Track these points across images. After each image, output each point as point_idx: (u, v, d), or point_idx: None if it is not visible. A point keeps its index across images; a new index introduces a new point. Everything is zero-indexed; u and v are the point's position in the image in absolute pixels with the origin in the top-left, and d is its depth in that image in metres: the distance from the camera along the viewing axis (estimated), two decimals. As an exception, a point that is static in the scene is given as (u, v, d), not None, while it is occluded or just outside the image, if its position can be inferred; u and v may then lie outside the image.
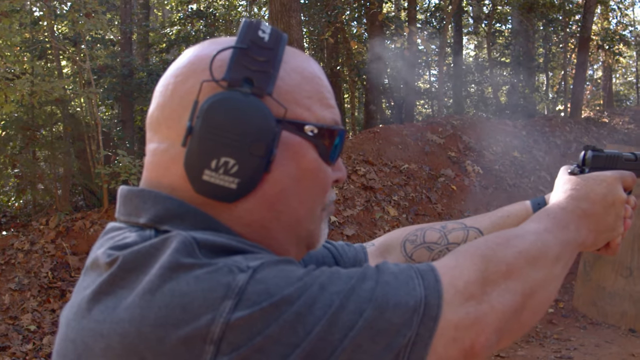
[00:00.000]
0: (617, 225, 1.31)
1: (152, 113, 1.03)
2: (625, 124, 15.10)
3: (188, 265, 0.84)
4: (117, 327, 0.83)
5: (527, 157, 12.39)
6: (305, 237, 1.08)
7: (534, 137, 13.13)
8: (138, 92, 11.77)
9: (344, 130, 1.09)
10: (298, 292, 0.83)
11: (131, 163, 8.67)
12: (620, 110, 17.50)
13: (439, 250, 1.51)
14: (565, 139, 13.39)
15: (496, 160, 11.99)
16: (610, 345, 7.88)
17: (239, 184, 0.95)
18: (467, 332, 0.91)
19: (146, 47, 13.95)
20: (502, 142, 12.57)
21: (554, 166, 12.45)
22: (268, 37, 0.99)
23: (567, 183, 1.33)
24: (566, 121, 14.50)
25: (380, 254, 1.54)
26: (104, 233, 1.03)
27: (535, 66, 19.38)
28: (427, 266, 0.95)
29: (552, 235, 1.13)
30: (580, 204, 1.26)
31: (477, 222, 1.55)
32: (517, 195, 11.36)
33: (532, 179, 11.90)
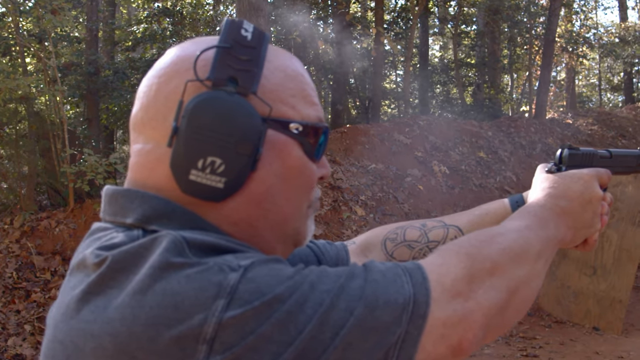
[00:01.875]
0: (595, 222, 1.33)
1: (136, 114, 1.02)
2: (589, 125, 15.32)
3: (178, 264, 0.83)
4: (108, 327, 0.82)
5: (493, 157, 12.51)
6: (292, 235, 1.08)
7: (500, 138, 13.26)
8: (104, 90, 11.66)
9: (328, 128, 1.09)
10: (289, 290, 0.83)
11: (97, 162, 8.57)
12: (583, 112, 17.77)
13: (420, 249, 1.52)
14: (531, 139, 13.54)
15: (462, 160, 12.09)
16: (574, 344, 7.99)
17: (225, 183, 0.94)
18: (454, 329, 0.92)
19: (112, 45, 13.84)
20: (468, 142, 12.68)
21: (519, 166, 12.59)
22: (251, 36, 0.98)
23: (545, 181, 1.35)
24: (531, 122, 14.67)
25: (361, 252, 1.54)
26: (90, 233, 1.02)
27: (500, 67, 19.55)
28: (414, 264, 0.95)
29: (533, 233, 1.14)
30: (558, 201, 1.28)
31: (456, 220, 1.56)
32: (484, 195, 11.46)
33: (497, 179, 12.01)
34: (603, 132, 14.90)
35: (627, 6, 26.94)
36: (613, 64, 24.17)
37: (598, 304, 8.64)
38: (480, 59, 20.10)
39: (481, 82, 19.52)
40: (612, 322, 8.50)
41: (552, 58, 16.68)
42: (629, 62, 22.86)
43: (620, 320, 8.49)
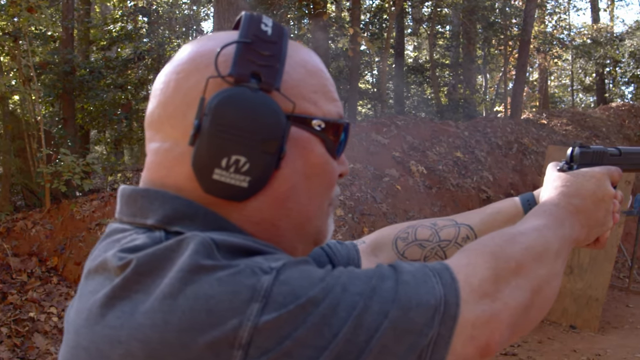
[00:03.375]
0: (607, 220, 1.34)
1: (153, 111, 1.00)
2: (564, 126, 15.45)
3: (209, 267, 0.81)
4: (137, 332, 0.80)
5: (470, 157, 12.57)
6: (314, 234, 1.07)
7: (476, 138, 13.33)
8: (79, 89, 11.55)
9: (349, 124, 1.08)
10: (322, 293, 0.82)
11: (74, 162, 8.48)
12: (558, 112, 17.91)
13: (431, 248, 1.51)
14: (507, 139, 13.63)
15: (439, 160, 12.14)
16: (552, 342, 8.06)
17: (250, 182, 0.92)
18: (483, 329, 0.91)
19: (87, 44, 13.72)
20: (445, 142, 12.73)
21: (495, 166, 12.67)
22: (271, 31, 0.97)
23: (557, 180, 1.35)
24: (507, 122, 14.76)
25: (372, 251, 1.53)
26: (107, 234, 1.00)
27: (475, 68, 19.66)
28: (441, 265, 0.95)
29: (552, 232, 1.14)
30: (571, 200, 1.28)
31: (467, 219, 1.56)
32: (461, 195, 11.52)
33: (474, 178, 12.06)
34: (577, 133, 15.03)
35: (599, 8, 27.26)
36: (585, 65, 24.39)
37: (575, 303, 8.72)
38: (455, 60, 20.20)
39: (456, 82, 19.61)
40: (589, 320, 8.59)
41: (527, 59, 16.80)
42: (600, 63, 23.10)
43: (597, 319, 8.58)
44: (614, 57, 22.70)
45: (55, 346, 6.63)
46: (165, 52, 12.89)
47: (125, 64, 12.54)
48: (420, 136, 12.62)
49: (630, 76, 22.74)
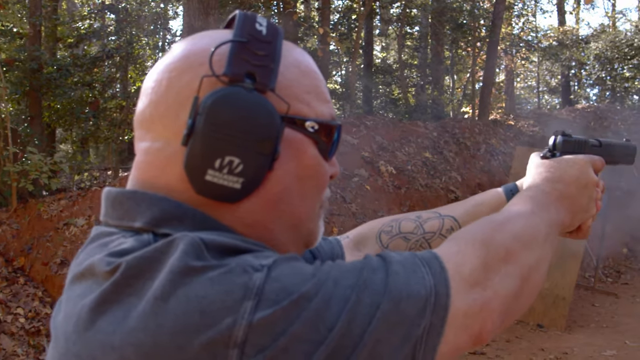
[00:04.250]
0: (590, 206, 1.35)
1: (144, 110, 0.98)
2: (530, 127, 15.61)
3: (199, 268, 0.80)
4: (130, 337, 0.78)
5: (439, 157, 12.64)
6: (305, 236, 1.06)
7: (445, 139, 13.41)
8: (47, 87, 11.40)
9: (341, 125, 1.07)
10: (314, 288, 0.81)
11: (42, 161, 8.38)
12: (525, 113, 18.09)
13: (416, 240, 1.52)
14: (475, 140, 13.73)
15: (408, 160, 12.19)
16: (520, 341, 8.15)
17: (243, 184, 0.92)
18: (475, 318, 0.92)
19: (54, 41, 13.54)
20: (414, 143, 12.79)
21: (464, 167, 12.75)
22: (266, 30, 0.96)
23: (541, 166, 1.36)
24: (475, 123, 14.87)
25: (355, 246, 1.53)
26: (92, 238, 0.98)
27: (443, 69, 19.78)
28: (430, 254, 0.94)
29: (538, 218, 1.14)
30: (556, 185, 1.29)
31: (451, 210, 1.56)
32: (429, 195, 11.58)
33: (443, 179, 12.14)
34: (544, 134, 15.18)
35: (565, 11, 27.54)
36: (551, 67, 24.66)
37: (542, 302, 8.80)
38: (424, 60, 20.29)
39: (423, 83, 19.71)
40: (555, 319, 8.68)
41: (495, 60, 16.93)
42: (566, 66, 23.36)
43: (563, 317, 8.67)
44: (580, 59, 22.98)
45: (22, 347, 6.55)
46: (134, 50, 12.78)
47: (94, 61, 12.41)
48: (390, 136, 12.67)
49: (595, 79, 23.02)
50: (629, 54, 21.18)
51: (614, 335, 8.38)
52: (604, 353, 7.58)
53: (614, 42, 21.41)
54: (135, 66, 13.45)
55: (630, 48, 21.03)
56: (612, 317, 9.28)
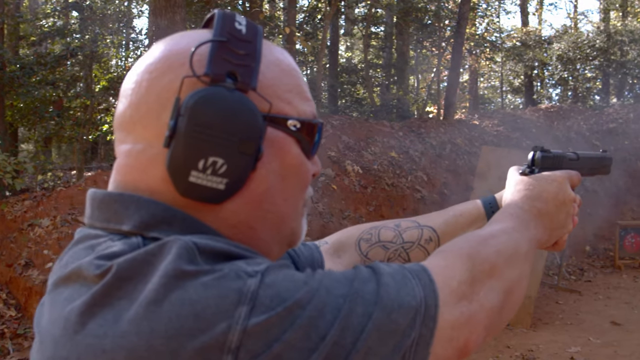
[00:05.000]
0: (567, 222, 1.38)
1: (124, 112, 0.97)
2: (495, 127, 15.72)
3: (192, 272, 0.80)
4: (123, 341, 0.77)
5: (404, 157, 12.69)
6: (289, 235, 1.06)
7: (410, 138, 13.47)
8: (9, 85, 11.23)
9: (323, 124, 1.07)
10: (308, 296, 0.81)
11: (5, 160, 8.26)
12: (489, 113, 18.22)
13: (395, 249, 1.52)
14: (440, 140, 13.81)
15: (375, 160, 12.22)
16: (486, 339, 8.18)
17: (227, 184, 0.91)
18: (461, 331, 0.93)
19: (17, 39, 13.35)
20: (380, 142, 12.83)
21: (429, 166, 12.82)
22: (245, 29, 0.95)
23: (520, 183, 1.39)
24: (440, 123, 14.96)
25: (335, 252, 1.53)
26: (77, 241, 0.96)
27: (408, 69, 19.86)
28: (419, 266, 0.95)
29: (519, 234, 1.18)
30: (535, 203, 1.32)
31: (430, 220, 1.57)
32: (396, 194, 11.62)
33: (409, 178, 12.19)
34: (508, 133, 15.31)
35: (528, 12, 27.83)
36: (514, 67, 24.88)
37: (508, 301, 8.87)
38: (389, 60, 20.36)
39: (387, 82, 19.77)
40: (521, 317, 8.75)
41: (461, 60, 17.05)
42: (529, 66, 23.59)
43: (529, 315, 8.75)
44: (542, 59, 23.22)
45: (-14, 350, 6.46)
46: (98, 48, 12.65)
47: (57, 60, 12.25)
48: (356, 136, 12.69)
49: (558, 79, 23.28)
50: (590, 55, 21.47)
51: (577, 332, 8.49)
52: (568, 350, 7.68)
53: (576, 43, 21.68)
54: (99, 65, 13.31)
55: (592, 49, 21.32)
56: (576, 315, 9.40)
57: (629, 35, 21.19)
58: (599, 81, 23.41)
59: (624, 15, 24.91)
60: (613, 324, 8.93)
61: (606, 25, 23.25)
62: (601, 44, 21.13)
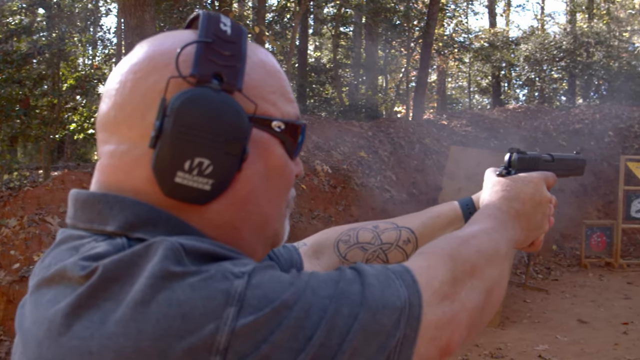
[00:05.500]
0: (544, 223, 1.41)
1: (108, 112, 0.96)
2: (463, 127, 15.82)
3: (179, 273, 0.79)
4: (110, 342, 0.77)
5: (374, 157, 12.73)
6: (272, 236, 1.06)
7: (380, 138, 13.51)
8: (-25, 84, 11.10)
9: (306, 125, 1.08)
10: (294, 296, 0.81)
11: (-29, 160, 8.16)
12: (457, 113, 18.33)
13: (373, 251, 1.53)
14: (409, 140, 13.86)
15: (344, 159, 12.24)
16: (455, 338, 8.23)
17: (213, 185, 0.91)
18: (444, 330, 0.94)
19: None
20: (350, 142, 12.85)
21: (398, 166, 12.87)
22: (230, 30, 0.95)
23: (497, 185, 1.40)
24: (409, 123, 15.02)
25: (313, 254, 1.53)
26: (60, 241, 0.95)
27: (377, 69, 19.93)
28: (401, 267, 0.96)
29: (499, 235, 1.19)
30: (512, 204, 1.34)
31: (408, 222, 1.58)
32: (365, 194, 11.65)
33: (378, 178, 12.23)
34: (476, 133, 15.42)
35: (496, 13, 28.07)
36: (482, 67, 25.06)
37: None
38: (357, 60, 20.41)
39: (356, 82, 19.82)
40: (489, 316, 8.81)
41: (430, 61, 17.13)
42: (497, 66, 23.78)
43: (497, 314, 8.81)
44: (510, 60, 23.42)
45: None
46: (65, 47, 12.52)
47: (24, 58, 12.10)
48: (325, 136, 12.70)
49: (525, 79, 23.49)
50: (557, 56, 21.69)
51: (545, 330, 8.56)
52: (536, 348, 7.74)
53: (543, 44, 21.89)
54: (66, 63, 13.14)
55: (558, 50, 21.53)
56: (543, 313, 9.48)
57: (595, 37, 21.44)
58: (565, 82, 23.63)
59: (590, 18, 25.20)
60: (580, 322, 9.02)
61: (572, 27, 23.59)
62: (567, 45, 21.35)
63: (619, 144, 15.84)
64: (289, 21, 18.14)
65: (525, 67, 22.75)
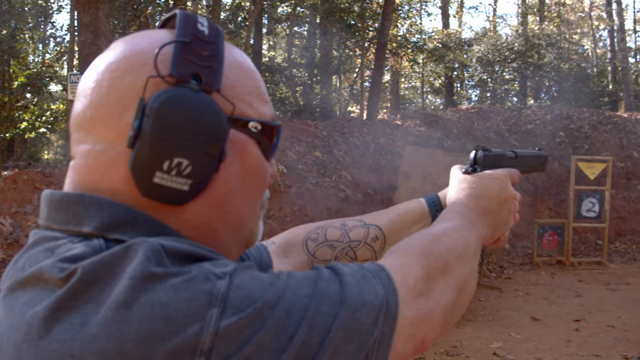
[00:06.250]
0: (509, 219, 1.43)
1: (83, 112, 0.94)
2: (417, 127, 15.94)
3: (161, 274, 0.78)
4: (92, 345, 0.75)
5: (329, 157, 12.77)
6: (247, 236, 1.05)
7: (334, 138, 13.55)
8: None
9: (281, 125, 1.07)
10: (275, 296, 0.81)
11: None
12: (411, 114, 18.45)
13: (342, 248, 1.53)
14: (364, 139, 13.93)
15: (299, 159, 12.25)
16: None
17: (191, 186, 0.90)
18: (419, 328, 0.95)
19: None
20: (305, 142, 12.88)
21: (353, 166, 12.92)
22: (208, 30, 0.95)
23: (464, 182, 1.42)
24: (364, 123, 15.09)
25: (282, 252, 1.53)
26: (34, 243, 0.93)
27: (331, 68, 19.99)
28: (376, 266, 0.96)
29: (468, 232, 1.21)
30: (479, 201, 1.36)
31: (376, 219, 1.58)
32: (320, 194, 11.68)
33: (333, 178, 12.26)
34: (430, 133, 15.54)
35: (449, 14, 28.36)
36: (435, 68, 25.29)
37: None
38: (311, 60, 20.45)
39: (310, 82, 19.87)
40: (444, 314, 8.89)
41: (384, 61, 17.23)
42: (450, 67, 24.04)
43: (452, 313, 8.90)
44: (462, 61, 23.70)
45: None
46: (16, 44, 12.33)
47: (-29, 55, 11.91)
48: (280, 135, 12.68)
49: (477, 80, 23.80)
50: (509, 57, 22.03)
51: (499, 327, 8.67)
52: (491, 345, 7.84)
53: (495, 46, 22.21)
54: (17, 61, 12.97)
55: (510, 52, 21.87)
56: (497, 311, 9.60)
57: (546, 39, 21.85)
58: (517, 83, 24.03)
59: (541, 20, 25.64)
60: (533, 319, 9.16)
61: (524, 29, 23.94)
62: (519, 47, 21.70)
63: (569, 144, 16.15)
64: (243, 20, 18.10)
65: (477, 68, 23.07)
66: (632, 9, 49.43)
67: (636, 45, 32.36)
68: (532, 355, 7.51)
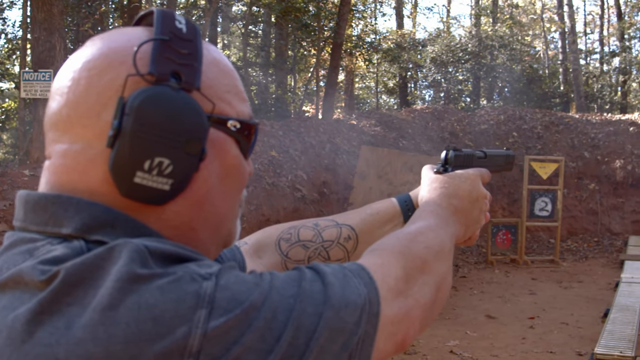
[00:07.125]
0: (480, 218, 1.45)
1: (59, 111, 0.92)
2: (372, 127, 16.02)
3: (146, 276, 0.77)
4: (78, 348, 0.74)
5: (284, 156, 12.75)
6: (225, 236, 1.05)
7: (290, 137, 13.54)
8: None
9: (259, 124, 1.07)
10: (261, 297, 0.81)
11: None
12: (366, 114, 18.54)
13: (315, 248, 1.53)
14: (320, 139, 13.94)
15: (255, 159, 12.21)
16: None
17: (172, 185, 0.89)
18: (400, 326, 0.96)
19: None
20: (260, 141, 12.84)
21: (309, 165, 12.92)
22: (186, 28, 0.93)
23: (436, 182, 1.43)
24: (319, 122, 15.10)
25: (255, 252, 1.52)
26: (9, 245, 0.90)
27: (287, 68, 20.00)
28: (357, 265, 0.97)
29: (443, 231, 1.23)
30: (451, 200, 1.38)
31: (348, 219, 1.59)
32: (276, 193, 11.65)
33: (289, 177, 12.25)
34: (385, 133, 15.63)
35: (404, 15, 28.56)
36: (389, 68, 25.44)
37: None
38: (267, 59, 20.43)
39: (265, 82, 19.85)
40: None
41: (340, 61, 17.28)
42: (404, 67, 24.21)
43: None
44: (417, 61, 23.89)
45: None
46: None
47: None
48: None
49: (431, 81, 24.02)
50: (462, 58, 22.28)
51: (455, 326, 8.78)
52: (447, 343, 7.94)
53: (449, 47, 22.44)
54: (-33, 58, 12.74)
55: (464, 52, 22.12)
56: (452, 309, 9.72)
57: (499, 41, 22.15)
58: (470, 84, 24.29)
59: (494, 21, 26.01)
60: (488, 317, 9.29)
61: (477, 30, 24.27)
62: (472, 48, 21.98)
63: (522, 144, 16.39)
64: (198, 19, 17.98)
65: (431, 69, 23.29)
66: (582, 12, 50.34)
67: (587, 47, 33.06)
68: (488, 352, 7.61)
